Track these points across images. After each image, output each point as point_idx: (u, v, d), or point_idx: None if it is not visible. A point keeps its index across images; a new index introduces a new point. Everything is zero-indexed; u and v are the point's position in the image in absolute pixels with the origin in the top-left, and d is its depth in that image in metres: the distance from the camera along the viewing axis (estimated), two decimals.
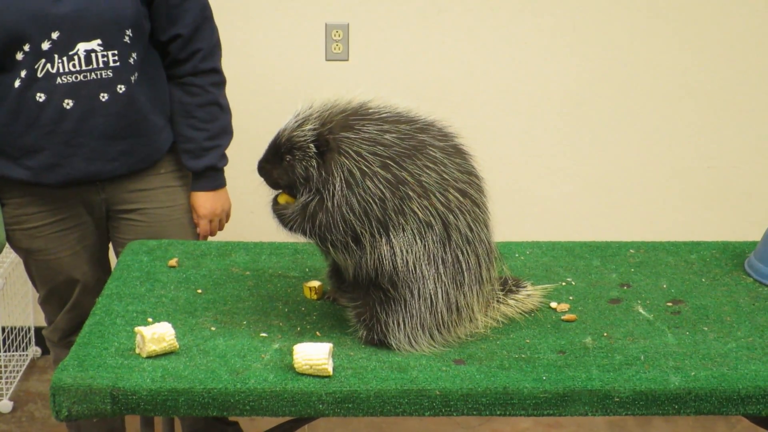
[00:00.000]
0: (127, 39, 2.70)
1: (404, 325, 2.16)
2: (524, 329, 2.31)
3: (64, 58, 2.63)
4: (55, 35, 2.60)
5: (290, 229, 2.20)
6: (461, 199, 2.16)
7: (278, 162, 2.19)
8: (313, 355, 2.08)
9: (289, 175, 2.18)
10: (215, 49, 2.90)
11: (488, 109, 3.87)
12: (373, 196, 2.10)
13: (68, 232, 2.84)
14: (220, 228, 3.03)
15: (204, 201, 2.95)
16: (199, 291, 2.47)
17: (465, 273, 2.16)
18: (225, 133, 2.95)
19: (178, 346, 2.17)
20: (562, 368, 2.13)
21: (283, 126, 2.20)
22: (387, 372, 2.11)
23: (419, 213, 2.12)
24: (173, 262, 2.61)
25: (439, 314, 2.16)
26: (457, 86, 3.83)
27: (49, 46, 2.61)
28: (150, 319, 2.31)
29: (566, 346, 2.23)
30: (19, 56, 2.62)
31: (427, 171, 2.13)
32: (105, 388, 2.03)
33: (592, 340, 2.26)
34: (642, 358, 2.17)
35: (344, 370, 2.11)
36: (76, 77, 2.65)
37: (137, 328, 2.16)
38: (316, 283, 2.45)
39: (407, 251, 2.12)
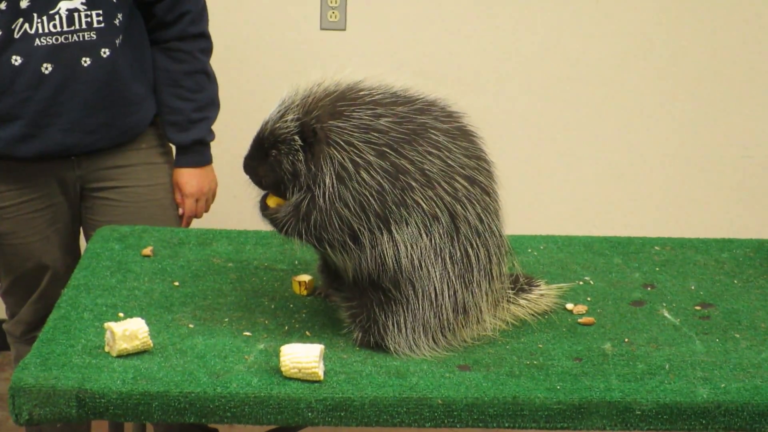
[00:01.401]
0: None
1: (405, 327, 2.16)
2: (537, 333, 2.31)
3: (44, 18, 2.63)
4: None
5: (285, 232, 2.19)
6: (469, 187, 2.16)
7: (263, 158, 2.19)
8: (302, 357, 2.07)
9: (276, 171, 2.17)
10: (203, 12, 2.90)
11: (499, 87, 3.86)
12: (369, 188, 2.10)
13: (39, 214, 2.84)
14: (206, 209, 3.04)
15: (190, 178, 2.95)
16: (176, 284, 2.47)
17: (474, 269, 2.16)
18: (212, 104, 2.95)
19: (152, 345, 2.16)
20: (578, 377, 2.13)
21: (267, 117, 2.19)
22: (384, 377, 2.11)
23: (423, 204, 2.12)
24: (147, 250, 2.61)
25: (445, 315, 2.16)
26: (465, 61, 3.82)
27: (27, 3, 2.60)
28: (121, 314, 2.31)
29: (583, 353, 2.23)
30: None
31: (430, 157, 2.13)
32: (70, 390, 2.03)
33: (611, 347, 2.26)
34: (667, 367, 2.18)
35: (336, 374, 2.11)
36: (57, 39, 2.64)
37: (107, 324, 2.15)
38: (306, 278, 2.45)
39: (412, 247, 2.12)
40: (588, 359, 2.20)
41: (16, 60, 2.64)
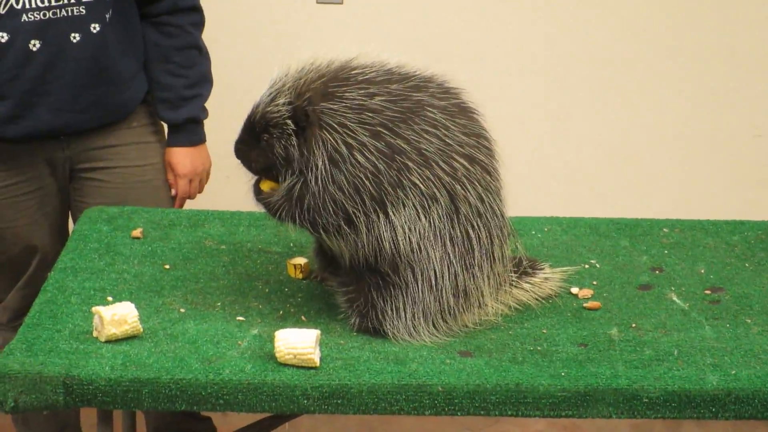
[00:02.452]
0: None
1: (404, 312, 2.16)
2: (540, 318, 2.31)
3: None
4: None
5: (279, 217, 2.20)
6: (469, 166, 2.16)
7: (255, 142, 2.20)
8: (298, 343, 2.08)
9: (269, 156, 2.18)
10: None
11: (501, 63, 3.86)
12: (364, 170, 2.10)
13: (27, 198, 2.83)
14: (200, 190, 3.03)
15: (183, 158, 2.94)
16: (167, 267, 2.47)
17: (475, 251, 2.17)
18: (205, 80, 2.94)
19: (141, 330, 2.17)
20: (583, 363, 2.14)
21: (257, 100, 2.20)
22: (382, 364, 2.11)
23: (421, 185, 2.12)
24: (137, 232, 2.61)
25: (445, 299, 2.17)
26: (466, 36, 3.81)
27: None
28: (110, 298, 2.31)
29: (588, 338, 2.23)
30: None
31: (427, 136, 2.12)
32: (57, 377, 2.03)
33: (618, 332, 2.26)
34: (675, 353, 2.18)
35: (333, 360, 2.11)
36: (44, 14, 2.63)
37: (95, 309, 2.16)
38: (301, 260, 2.45)
39: (410, 229, 2.12)
40: (594, 345, 2.21)
41: (2, 37, 2.63)
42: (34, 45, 2.64)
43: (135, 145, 2.90)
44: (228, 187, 3.52)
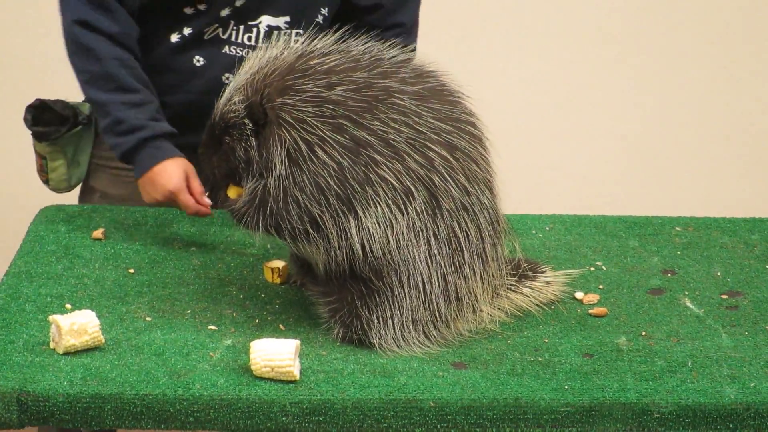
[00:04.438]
0: (320, 18, 2.73)
1: (392, 320, 2.16)
2: (542, 325, 2.31)
3: (241, 27, 2.69)
4: (239, 2, 2.65)
5: (244, 224, 2.22)
6: (448, 155, 2.15)
7: (217, 146, 2.22)
8: (275, 354, 2.07)
9: (230, 159, 2.20)
10: (415, 26, 2.89)
11: (500, 47, 3.86)
12: (326, 168, 2.10)
13: None
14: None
15: None
16: (131, 271, 2.47)
17: (464, 250, 2.16)
18: None
19: (103, 341, 2.16)
20: (588, 375, 2.14)
21: (219, 101, 2.22)
22: (368, 377, 2.11)
23: (391, 180, 2.11)
24: (98, 233, 2.60)
25: (435, 305, 2.17)
26: (461, 18, 3.82)
27: (228, 12, 2.66)
28: (68, 306, 2.30)
29: (594, 348, 2.24)
30: (188, 11, 2.66)
31: (395, 125, 2.12)
32: (10, 392, 2.02)
33: (626, 341, 2.26)
34: (689, 363, 2.18)
35: (314, 373, 2.11)
36: (248, 52, 2.68)
37: (52, 317, 2.15)
38: (279, 263, 2.45)
39: (387, 229, 2.12)
40: (600, 355, 2.21)
41: (198, 61, 2.71)
42: (228, 78, 2.69)
43: None
44: None
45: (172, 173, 2.56)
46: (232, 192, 2.27)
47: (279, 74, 2.15)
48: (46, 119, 2.78)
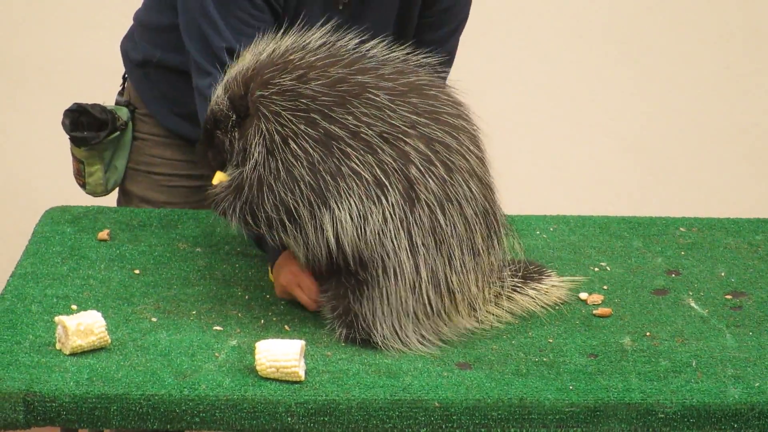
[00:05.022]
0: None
1: (384, 314, 2.17)
2: (546, 326, 2.32)
3: None
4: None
5: (221, 212, 2.24)
6: (424, 147, 2.16)
7: (211, 141, 2.26)
8: (281, 354, 2.07)
9: (222, 153, 2.24)
10: (452, 60, 2.88)
11: (499, 43, 3.86)
12: (299, 159, 2.14)
13: (196, 191, 2.84)
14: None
15: None
16: (137, 272, 2.47)
17: (451, 241, 2.17)
18: None
19: (109, 341, 2.16)
20: (593, 375, 2.14)
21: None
22: (373, 377, 2.11)
23: (363, 173, 2.14)
24: (104, 234, 2.60)
25: (425, 296, 2.17)
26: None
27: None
28: (74, 307, 2.30)
29: (599, 348, 2.24)
30: None
31: (367, 119, 2.15)
32: (17, 393, 2.03)
33: (631, 341, 2.26)
34: (693, 364, 2.18)
35: (319, 373, 2.11)
36: None
37: (58, 318, 2.15)
38: None
39: (362, 221, 2.14)
40: (604, 355, 2.21)
41: None
42: None
43: None
44: None
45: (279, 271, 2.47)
46: (216, 178, 2.29)
47: (260, 68, 2.20)
48: (83, 123, 2.78)
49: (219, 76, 2.32)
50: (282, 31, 2.26)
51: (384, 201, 2.15)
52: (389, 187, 2.15)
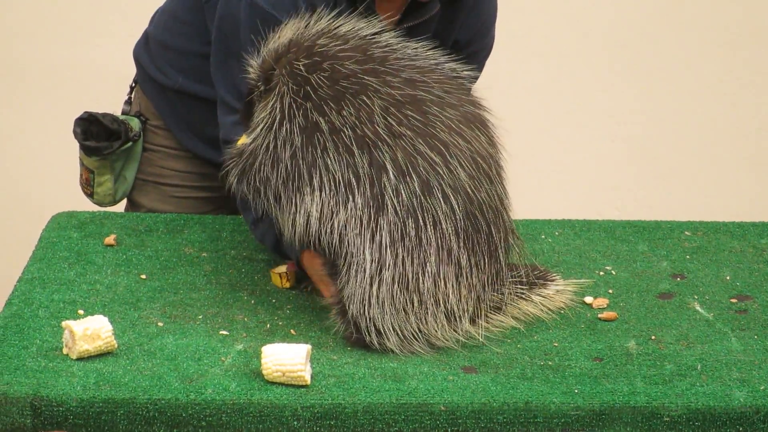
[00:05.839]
0: None
1: (363, 302, 2.19)
2: (551, 330, 2.32)
3: None
4: None
5: (225, 172, 2.31)
6: (403, 159, 2.17)
7: (250, 108, 2.33)
8: (287, 359, 2.08)
9: (253, 119, 2.31)
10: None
11: (504, 47, 3.86)
12: (285, 142, 2.22)
13: (205, 202, 2.87)
14: None
15: None
16: (143, 276, 2.47)
17: (426, 250, 2.18)
18: None
19: (116, 346, 2.17)
20: (598, 379, 2.14)
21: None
22: (379, 381, 2.11)
23: (335, 171, 2.19)
24: (110, 239, 2.61)
25: (389, 289, 2.18)
26: None
27: None
28: (81, 312, 2.31)
29: (604, 352, 2.24)
30: None
31: (353, 121, 2.18)
32: (24, 397, 2.03)
33: (636, 345, 2.27)
34: (699, 367, 2.18)
35: (325, 378, 2.12)
36: None
37: (65, 323, 2.16)
38: (284, 267, 2.46)
39: (330, 215, 2.19)
40: (610, 359, 2.21)
41: None
42: None
43: None
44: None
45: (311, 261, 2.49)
46: (240, 141, 2.35)
47: (291, 47, 2.26)
48: (93, 132, 2.78)
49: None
50: (328, 12, 2.30)
51: (350, 203, 2.19)
52: (358, 191, 2.19)
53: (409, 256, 2.18)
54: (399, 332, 2.21)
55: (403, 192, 2.18)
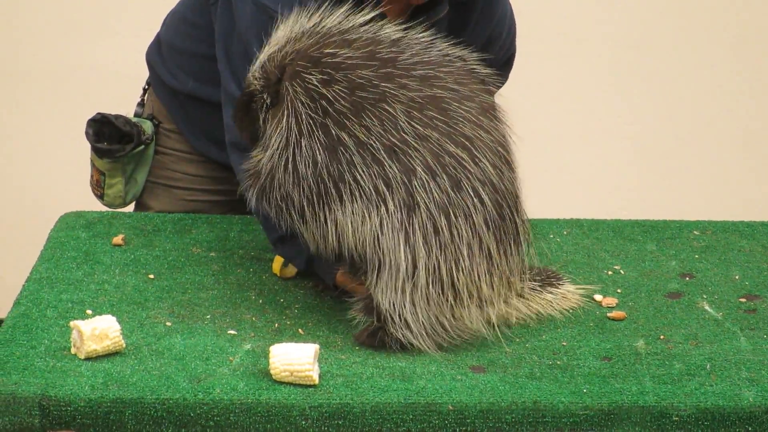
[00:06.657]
0: None
1: (392, 302, 2.18)
2: (560, 329, 2.32)
3: None
4: None
5: (244, 191, 2.28)
6: (432, 160, 2.17)
7: (248, 108, 2.28)
8: (295, 358, 2.08)
9: (255, 123, 2.27)
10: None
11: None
12: (306, 159, 2.17)
13: (215, 206, 2.87)
14: None
15: None
16: (151, 276, 2.48)
17: (459, 246, 2.18)
18: None
19: (124, 346, 2.17)
20: (607, 378, 2.14)
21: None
22: (387, 381, 2.11)
23: (365, 183, 2.16)
24: (118, 239, 2.61)
25: (423, 288, 2.18)
26: None
27: None
28: (89, 312, 2.31)
29: (613, 351, 2.24)
30: None
31: (378, 130, 2.16)
32: (32, 397, 2.03)
33: (645, 344, 2.26)
34: (708, 367, 2.18)
35: (333, 377, 2.12)
36: None
37: (73, 323, 2.16)
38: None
39: (360, 224, 2.17)
40: (618, 359, 2.21)
41: None
42: None
43: None
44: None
45: None
46: (254, 155, 2.31)
47: (296, 56, 2.21)
48: (105, 134, 2.78)
49: None
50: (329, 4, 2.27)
51: (383, 208, 2.17)
52: (390, 197, 2.17)
53: (443, 251, 2.18)
54: (430, 326, 2.20)
55: (434, 191, 2.17)
